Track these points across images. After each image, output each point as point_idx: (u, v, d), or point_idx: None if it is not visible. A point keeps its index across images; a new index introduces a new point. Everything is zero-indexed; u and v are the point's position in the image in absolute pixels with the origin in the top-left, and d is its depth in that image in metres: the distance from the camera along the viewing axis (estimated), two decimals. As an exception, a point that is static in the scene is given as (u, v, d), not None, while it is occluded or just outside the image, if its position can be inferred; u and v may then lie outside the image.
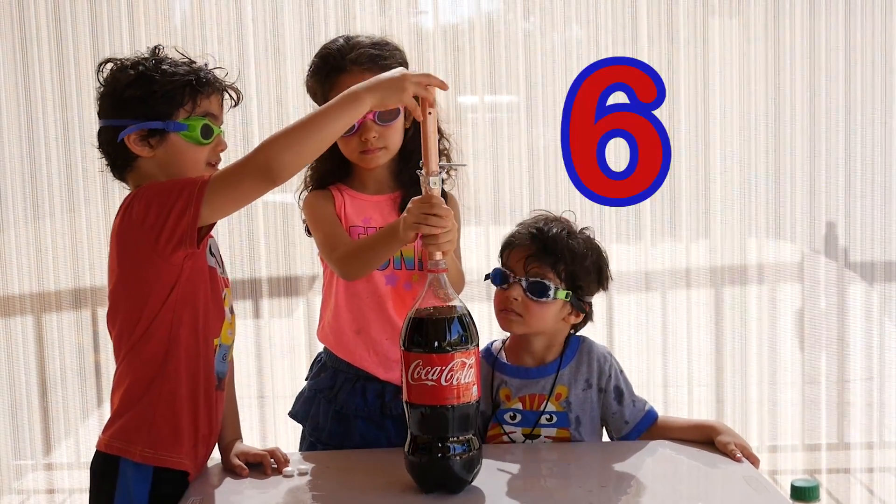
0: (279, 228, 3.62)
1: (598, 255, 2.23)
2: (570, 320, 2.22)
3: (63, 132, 3.56)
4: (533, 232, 2.20)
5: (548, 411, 2.19)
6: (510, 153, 3.63)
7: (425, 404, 1.85)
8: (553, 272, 2.16)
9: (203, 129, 1.98)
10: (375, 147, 2.18)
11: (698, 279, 3.69)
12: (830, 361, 3.72)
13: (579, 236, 2.21)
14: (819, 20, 3.55)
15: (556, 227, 2.19)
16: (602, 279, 2.24)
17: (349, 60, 2.17)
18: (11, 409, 3.69)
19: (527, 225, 2.23)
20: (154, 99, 1.95)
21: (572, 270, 2.17)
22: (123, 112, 1.96)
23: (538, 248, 2.17)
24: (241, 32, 3.56)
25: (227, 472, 2.09)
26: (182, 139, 1.97)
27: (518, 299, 2.17)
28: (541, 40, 3.62)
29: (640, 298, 3.68)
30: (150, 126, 1.95)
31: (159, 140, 1.96)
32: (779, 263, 3.70)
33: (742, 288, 3.69)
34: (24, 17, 3.51)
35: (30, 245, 3.63)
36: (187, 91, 1.97)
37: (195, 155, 1.99)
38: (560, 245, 2.16)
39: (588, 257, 2.19)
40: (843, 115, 3.59)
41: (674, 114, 3.58)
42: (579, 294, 2.19)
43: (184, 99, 1.97)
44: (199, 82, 1.99)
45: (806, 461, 3.74)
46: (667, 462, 2.10)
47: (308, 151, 1.88)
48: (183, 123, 1.96)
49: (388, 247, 2.08)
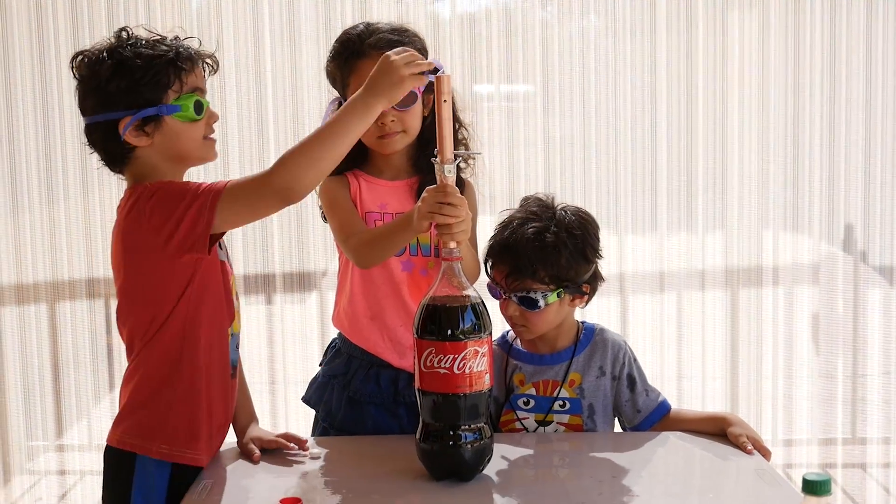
0: (292, 220, 3.62)
1: (574, 238, 2.13)
2: (575, 304, 2.21)
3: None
4: (504, 246, 2.16)
5: (561, 397, 2.19)
6: (526, 142, 3.62)
7: (437, 392, 1.84)
8: (535, 281, 2.13)
9: (195, 105, 1.94)
10: (394, 131, 2.18)
11: (714, 277, 3.67)
12: (846, 356, 3.71)
13: (551, 226, 2.14)
14: (840, 13, 3.53)
15: (526, 230, 2.13)
16: (588, 256, 2.17)
17: (369, 45, 2.17)
18: (24, 391, 3.71)
19: (497, 236, 2.19)
20: (141, 86, 1.90)
21: (552, 274, 2.13)
22: (111, 106, 1.91)
23: (512, 266, 2.14)
24: (258, 22, 3.55)
25: (241, 456, 2.09)
26: (177, 120, 1.93)
27: (517, 314, 2.17)
28: (558, 29, 3.60)
29: (655, 293, 3.67)
30: (144, 114, 1.91)
31: (155, 126, 1.92)
32: (796, 263, 3.68)
33: (758, 290, 3.66)
34: (39, 6, 3.52)
35: (44, 230, 3.64)
36: (171, 70, 1.92)
37: (191, 133, 1.96)
38: (532, 254, 2.11)
39: (564, 251, 2.12)
40: (862, 112, 3.57)
41: (692, 106, 3.57)
42: (570, 285, 2.16)
43: (170, 80, 1.92)
44: (180, 58, 1.93)
45: (821, 455, 3.73)
46: (678, 453, 2.09)
47: (327, 167, 1.87)
48: (175, 105, 1.92)
49: (403, 235, 2.08)
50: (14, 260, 3.64)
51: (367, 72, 1.90)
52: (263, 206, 1.90)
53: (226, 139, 3.50)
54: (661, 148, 3.60)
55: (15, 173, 3.61)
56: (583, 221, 2.18)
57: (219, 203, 1.83)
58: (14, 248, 3.64)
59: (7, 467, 3.72)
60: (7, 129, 3.58)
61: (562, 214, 2.17)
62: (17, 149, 3.59)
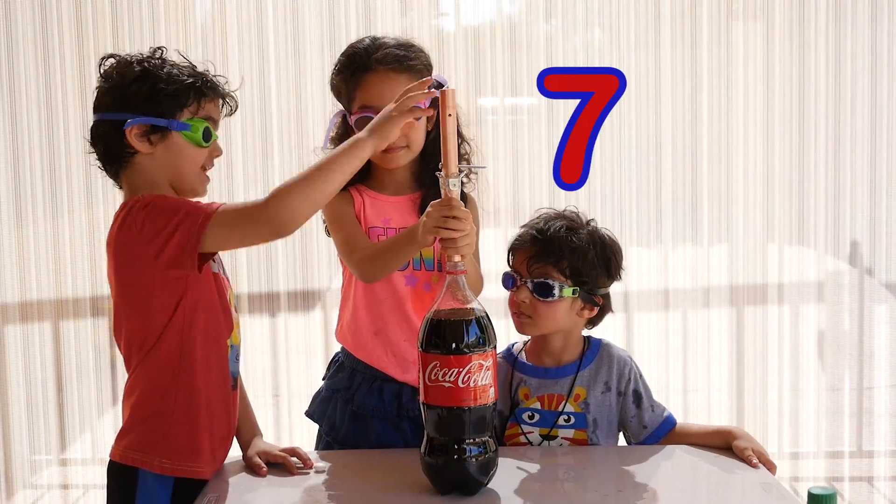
0: (296, 238, 3.62)
1: (603, 246, 2.20)
2: (584, 315, 2.21)
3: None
4: (534, 233, 2.20)
5: (566, 412, 2.18)
6: (530, 155, 3.62)
7: (442, 406, 1.84)
8: (556, 270, 2.15)
9: (205, 132, 1.99)
10: (398, 146, 2.18)
11: (719, 290, 3.66)
12: (853, 368, 3.69)
13: (582, 230, 2.20)
14: (844, 25, 3.52)
15: (557, 225, 2.19)
16: (611, 269, 2.21)
17: (375, 60, 2.17)
18: (27, 404, 3.71)
19: (529, 226, 2.24)
20: (160, 96, 1.95)
21: (576, 266, 2.16)
22: (126, 106, 1.95)
23: (539, 249, 2.17)
24: (262, 36, 3.56)
25: (245, 470, 2.08)
26: (183, 139, 1.97)
27: (526, 301, 2.17)
28: (563, 43, 3.61)
29: (660, 307, 3.66)
30: (155, 122, 1.94)
31: (160, 137, 1.96)
32: (802, 278, 3.66)
33: (763, 305, 3.65)
34: (46, 11, 3.52)
35: (49, 245, 3.64)
36: (192, 92, 1.97)
37: (193, 156, 1.99)
38: (560, 242, 2.16)
39: (591, 250, 2.17)
40: (868, 125, 3.56)
41: (696, 118, 3.57)
42: (587, 288, 2.17)
43: (189, 100, 1.97)
44: (204, 85, 1.99)
45: (828, 469, 3.71)
46: (683, 467, 2.09)
47: (320, 203, 1.90)
48: (186, 123, 1.96)
49: (407, 250, 2.08)
50: (18, 277, 3.64)
51: (373, 86, 1.92)
52: (254, 236, 1.92)
53: (230, 151, 3.49)
54: (665, 161, 3.59)
55: (19, 187, 3.61)
56: (613, 240, 2.24)
57: (208, 226, 1.85)
58: (18, 264, 3.64)
59: (10, 482, 3.71)
60: (12, 145, 3.59)
61: (594, 226, 2.24)
62: (22, 161, 3.59)
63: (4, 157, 3.59)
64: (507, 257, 2.25)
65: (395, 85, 2.11)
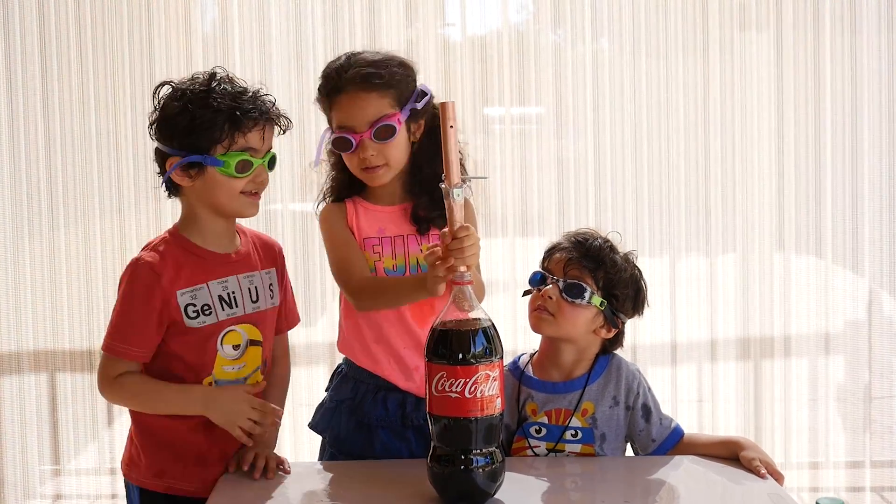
0: (298, 249, 3.62)
1: (637, 275, 2.25)
2: (602, 334, 2.20)
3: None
4: (576, 240, 2.23)
5: (572, 426, 2.17)
6: (538, 165, 3.61)
7: (448, 416, 1.83)
8: (591, 277, 2.17)
9: (238, 165, 2.05)
10: (375, 164, 2.18)
11: (725, 297, 3.65)
12: (874, 379, 3.68)
13: (623, 257, 2.24)
14: (857, 32, 3.51)
15: (600, 241, 2.23)
16: (638, 299, 2.25)
17: (345, 80, 2.17)
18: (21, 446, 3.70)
19: (571, 234, 2.27)
20: (196, 133, 2.03)
21: (610, 279, 2.18)
22: (170, 140, 2.06)
23: (579, 253, 2.20)
24: (265, 46, 3.56)
25: (245, 486, 2.06)
26: (217, 172, 2.05)
27: (553, 298, 2.17)
28: (571, 52, 3.60)
29: (667, 315, 3.66)
30: (190, 160, 2.03)
31: (198, 172, 2.06)
32: (818, 281, 3.65)
33: (782, 313, 3.64)
34: (45, 31, 3.54)
35: (45, 298, 3.64)
36: (226, 127, 2.03)
37: (231, 186, 2.07)
38: (601, 254, 2.20)
39: (627, 271, 2.22)
40: (886, 133, 3.54)
41: (707, 128, 3.56)
42: (614, 305, 2.18)
43: (222, 135, 2.04)
44: (240, 117, 2.04)
45: (848, 479, 3.69)
46: (691, 477, 2.08)
47: (145, 409, 2.11)
48: (219, 160, 2.04)
49: (413, 295, 2.11)
50: (14, 328, 3.66)
51: (344, 107, 1.97)
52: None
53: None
54: (675, 170, 3.59)
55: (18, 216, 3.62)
56: (644, 278, 2.28)
57: (106, 354, 2.07)
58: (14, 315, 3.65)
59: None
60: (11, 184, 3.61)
61: (634, 256, 2.27)
62: (23, 178, 3.61)
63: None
64: (542, 259, 2.27)
65: (365, 104, 2.14)
